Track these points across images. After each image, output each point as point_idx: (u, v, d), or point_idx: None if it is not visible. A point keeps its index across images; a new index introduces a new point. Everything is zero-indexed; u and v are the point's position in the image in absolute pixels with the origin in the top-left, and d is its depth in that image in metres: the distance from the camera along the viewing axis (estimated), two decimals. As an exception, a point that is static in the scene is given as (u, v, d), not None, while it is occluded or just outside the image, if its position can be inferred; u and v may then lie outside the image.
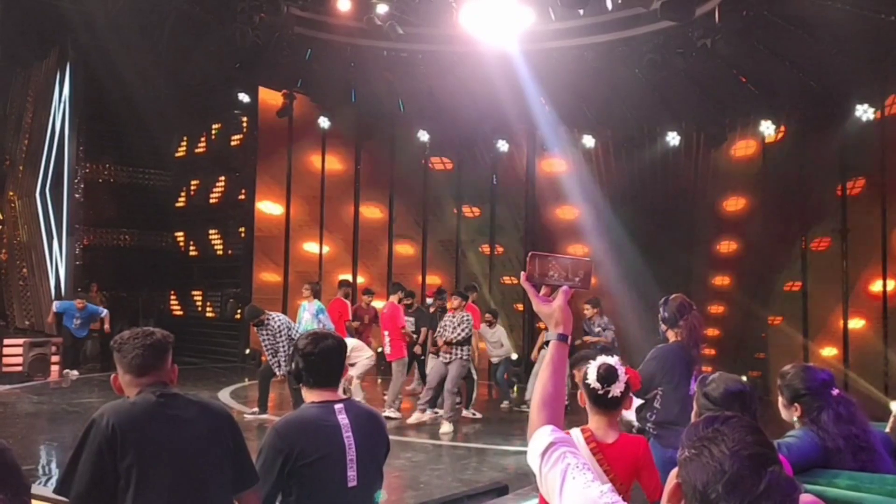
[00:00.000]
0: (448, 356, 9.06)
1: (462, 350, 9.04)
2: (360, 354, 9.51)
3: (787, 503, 1.25)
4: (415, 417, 9.23)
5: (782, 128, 12.68)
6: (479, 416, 9.94)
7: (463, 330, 9.01)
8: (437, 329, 9.43)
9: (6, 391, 11.40)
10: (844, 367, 11.38)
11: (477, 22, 10.98)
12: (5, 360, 12.54)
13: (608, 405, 2.88)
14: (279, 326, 9.09)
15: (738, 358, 12.78)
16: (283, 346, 8.94)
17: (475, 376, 10.29)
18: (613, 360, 2.90)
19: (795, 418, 2.86)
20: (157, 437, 2.53)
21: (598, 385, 2.84)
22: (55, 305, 12.90)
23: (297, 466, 2.69)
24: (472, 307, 9.96)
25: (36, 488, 5.64)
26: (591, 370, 2.87)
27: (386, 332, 9.87)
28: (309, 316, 10.15)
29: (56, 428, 9.09)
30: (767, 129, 12.55)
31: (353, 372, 9.42)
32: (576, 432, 2.89)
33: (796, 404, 2.84)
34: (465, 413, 9.76)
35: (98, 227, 16.24)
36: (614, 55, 12.03)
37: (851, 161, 12.00)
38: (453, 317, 9.14)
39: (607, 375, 2.85)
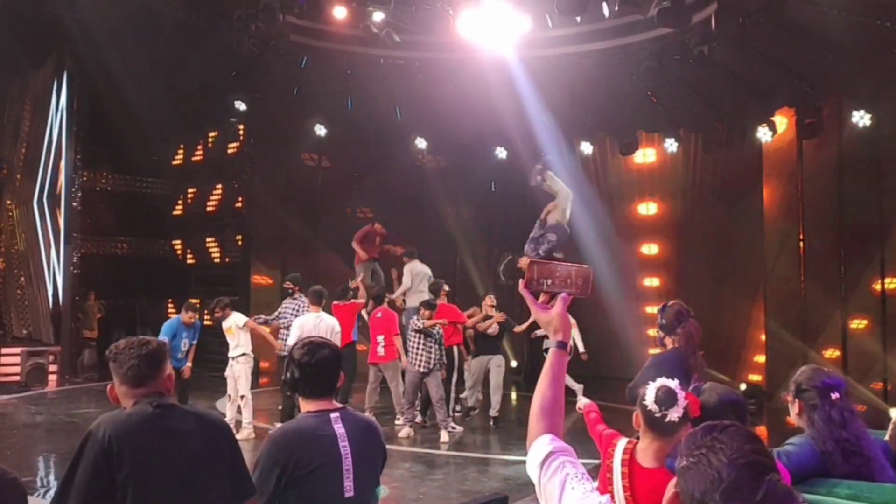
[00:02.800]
0: (428, 367, 9.18)
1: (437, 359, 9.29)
2: None
3: None
4: (405, 433, 9.17)
5: (778, 133, 12.71)
6: (459, 428, 9.60)
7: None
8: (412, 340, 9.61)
9: (3, 401, 11.37)
10: (844, 373, 11.38)
11: (474, 29, 10.99)
12: (2, 370, 12.52)
13: (663, 430, 2.70)
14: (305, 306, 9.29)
15: (737, 365, 12.76)
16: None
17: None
18: (673, 384, 2.75)
19: (794, 414, 2.90)
20: (153, 449, 2.52)
21: (655, 407, 2.70)
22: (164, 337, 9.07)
23: (294, 477, 2.68)
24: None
25: (34, 501, 5.62)
26: (650, 391, 2.73)
27: (381, 337, 9.74)
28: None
29: (54, 439, 9.06)
30: (764, 135, 12.57)
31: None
32: (622, 441, 2.83)
33: (797, 400, 2.88)
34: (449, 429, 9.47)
35: (95, 235, 16.23)
36: (612, 62, 12.05)
37: (848, 165, 12.02)
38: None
39: (665, 398, 2.70)
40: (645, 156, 14.69)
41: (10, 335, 15.28)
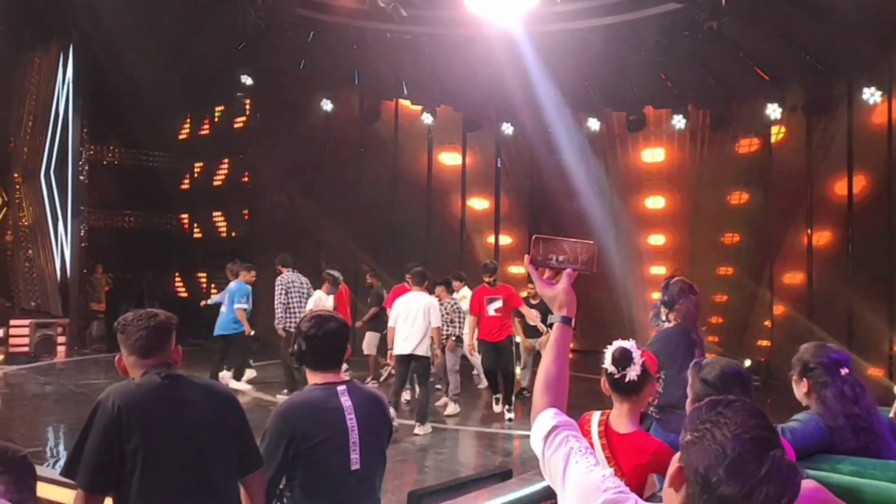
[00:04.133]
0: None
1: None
2: None
3: (789, 488, 1.25)
4: (451, 409, 9.11)
5: (788, 110, 12.60)
6: (511, 416, 8.97)
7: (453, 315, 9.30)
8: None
9: (13, 372, 11.49)
10: (849, 350, 11.36)
11: (482, 4, 10.89)
12: (12, 341, 12.62)
13: (626, 390, 2.83)
14: (283, 282, 9.92)
15: (743, 345, 12.77)
16: (281, 302, 9.84)
17: (518, 371, 9.79)
18: (629, 344, 2.87)
19: (803, 394, 2.87)
20: (162, 419, 2.54)
21: (613, 369, 2.81)
22: (243, 304, 10.15)
23: (301, 450, 2.70)
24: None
25: (43, 470, 5.68)
26: (607, 354, 2.85)
27: None
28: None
29: (63, 409, 9.15)
30: (774, 111, 12.46)
31: None
32: (596, 415, 2.89)
33: (805, 379, 2.85)
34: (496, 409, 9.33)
35: (102, 208, 16.26)
36: (620, 37, 11.93)
37: (858, 144, 11.93)
38: (443, 304, 9.30)
39: (621, 358, 2.82)
40: (652, 133, 14.58)
41: (18, 307, 15.37)
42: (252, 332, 10.36)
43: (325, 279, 9.70)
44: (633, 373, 2.81)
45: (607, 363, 2.83)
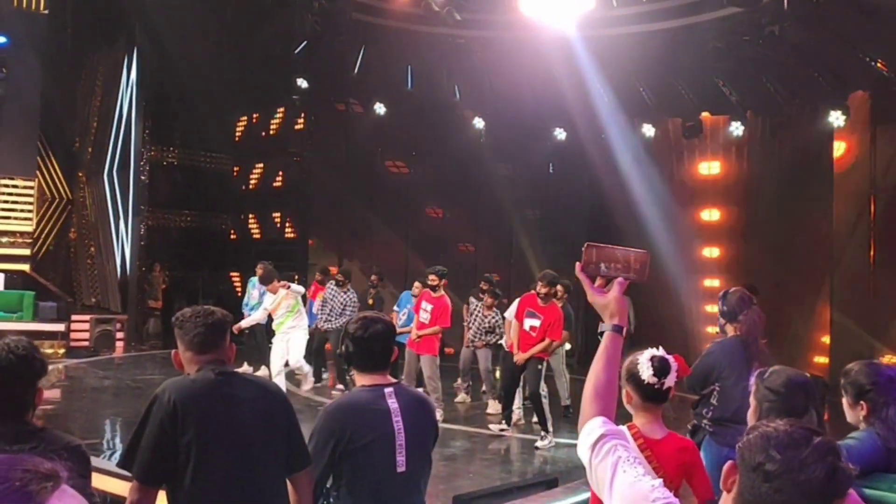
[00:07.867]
0: (472, 343, 9.67)
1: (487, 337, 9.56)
2: None
3: (836, 477, 1.21)
4: (494, 408, 9.25)
5: (852, 118, 12.22)
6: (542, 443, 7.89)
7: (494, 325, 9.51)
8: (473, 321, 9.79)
9: (73, 365, 11.86)
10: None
11: (536, 8, 10.86)
12: (73, 336, 13.03)
13: (660, 398, 2.81)
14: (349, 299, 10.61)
15: (800, 358, 12.43)
16: (349, 312, 10.30)
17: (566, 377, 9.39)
18: (661, 351, 2.82)
19: (861, 418, 2.77)
20: (215, 415, 2.60)
21: (654, 380, 2.75)
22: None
23: (348, 450, 2.71)
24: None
25: (100, 462, 5.87)
26: (644, 366, 2.78)
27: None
28: (257, 293, 11.10)
29: (120, 403, 9.41)
30: (836, 119, 12.12)
31: None
32: (623, 428, 2.84)
33: (862, 402, 2.76)
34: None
35: (162, 208, 16.69)
36: (677, 42, 11.76)
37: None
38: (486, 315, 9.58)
39: (662, 367, 2.77)
40: (709, 140, 14.29)
41: (80, 303, 15.87)
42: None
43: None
44: (671, 380, 2.78)
45: (647, 375, 2.76)
